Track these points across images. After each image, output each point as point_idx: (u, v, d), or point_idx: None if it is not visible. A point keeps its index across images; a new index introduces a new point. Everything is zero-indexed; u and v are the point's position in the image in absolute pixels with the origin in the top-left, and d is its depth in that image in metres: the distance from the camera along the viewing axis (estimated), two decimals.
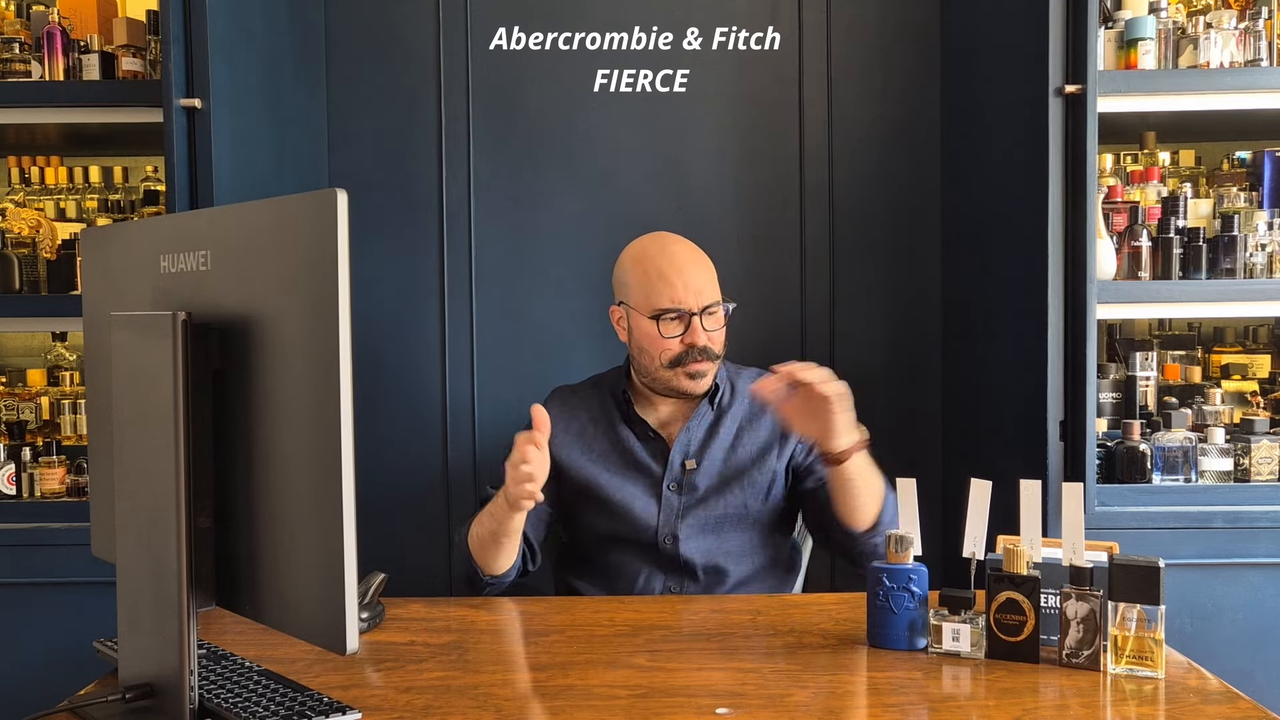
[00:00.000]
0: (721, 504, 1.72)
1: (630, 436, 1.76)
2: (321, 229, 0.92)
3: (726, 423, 1.76)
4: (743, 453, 1.74)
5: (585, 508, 1.76)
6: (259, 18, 2.22)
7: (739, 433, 1.75)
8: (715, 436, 1.75)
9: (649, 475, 1.74)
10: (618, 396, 1.78)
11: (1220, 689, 1.19)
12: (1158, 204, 2.09)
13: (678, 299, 1.68)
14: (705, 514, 1.72)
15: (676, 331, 1.68)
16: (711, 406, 1.76)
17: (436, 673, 1.26)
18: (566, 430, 1.76)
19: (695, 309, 1.68)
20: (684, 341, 1.68)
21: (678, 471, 1.73)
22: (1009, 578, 1.27)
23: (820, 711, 1.13)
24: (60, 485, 2.06)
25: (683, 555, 1.70)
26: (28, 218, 2.20)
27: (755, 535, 1.74)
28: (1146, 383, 2.07)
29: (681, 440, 1.74)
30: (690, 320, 1.68)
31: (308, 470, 0.95)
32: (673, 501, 1.72)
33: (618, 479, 1.74)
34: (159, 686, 1.06)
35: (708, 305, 1.69)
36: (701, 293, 1.69)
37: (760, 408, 1.75)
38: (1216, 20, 1.97)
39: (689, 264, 1.71)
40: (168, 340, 1.00)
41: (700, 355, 1.68)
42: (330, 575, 0.93)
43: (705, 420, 1.76)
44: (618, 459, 1.75)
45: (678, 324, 1.68)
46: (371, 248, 2.52)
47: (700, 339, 1.68)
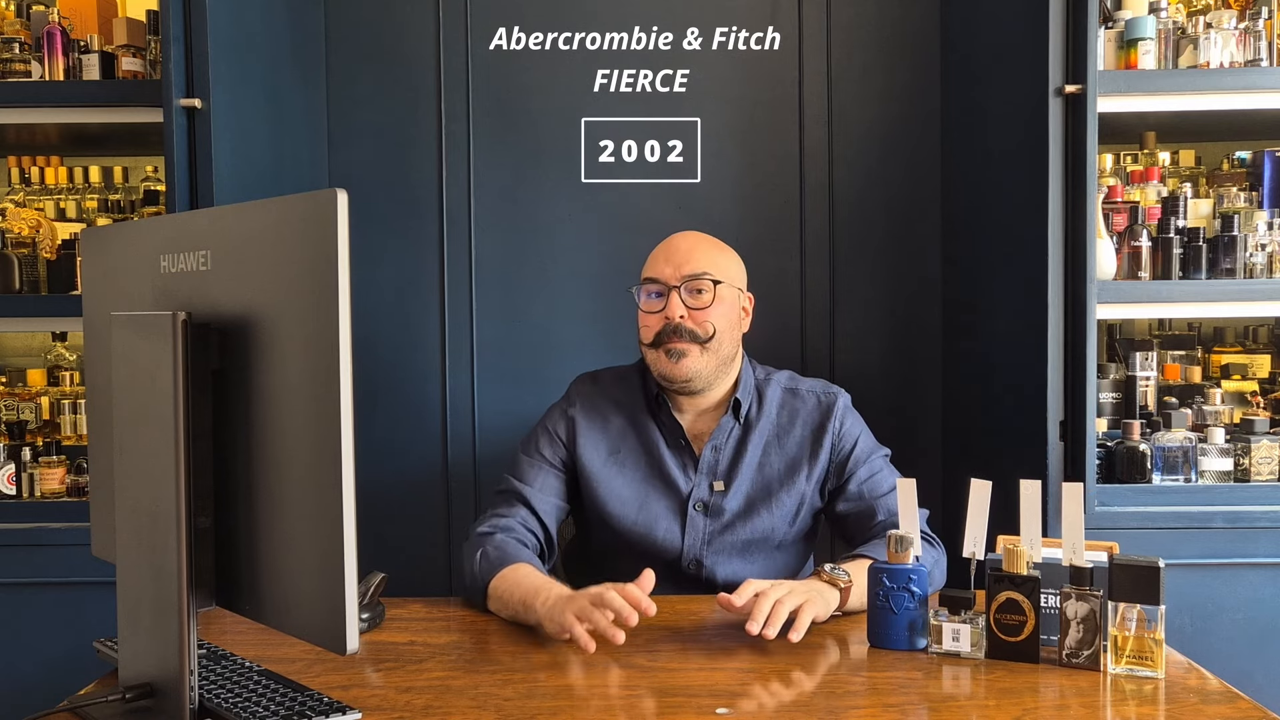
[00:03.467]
0: (748, 529, 1.64)
1: (659, 441, 1.67)
2: (321, 229, 0.92)
3: (754, 438, 1.66)
4: (770, 471, 1.66)
5: (604, 521, 1.67)
6: (259, 18, 2.22)
7: (766, 449, 1.66)
8: (744, 455, 1.65)
9: (675, 491, 1.65)
10: (649, 392, 1.68)
11: (1220, 689, 1.19)
12: (1158, 204, 2.09)
13: (658, 270, 1.62)
14: (732, 538, 1.64)
15: (656, 308, 1.61)
16: (737, 420, 1.67)
17: (436, 673, 1.26)
18: (590, 427, 1.68)
19: (674, 281, 1.60)
20: (664, 316, 1.60)
21: (705, 492, 1.65)
22: (1009, 578, 1.27)
23: (820, 711, 1.13)
24: (60, 485, 2.06)
25: (705, 578, 1.65)
26: (28, 218, 2.20)
27: (781, 556, 1.68)
28: (1146, 383, 2.07)
29: (708, 458, 1.65)
30: (669, 294, 1.60)
31: (308, 470, 0.95)
32: (698, 524, 1.64)
33: (641, 492, 1.65)
34: (159, 686, 1.06)
35: (688, 277, 1.59)
36: (682, 265, 1.60)
37: (788, 420, 1.67)
38: (1216, 20, 1.97)
39: (683, 242, 1.64)
40: (168, 340, 1.00)
41: (674, 333, 1.58)
42: (330, 575, 0.93)
43: (733, 437, 1.66)
44: (645, 467, 1.66)
45: (658, 299, 1.61)
46: (371, 247, 2.52)
47: (675, 311, 1.58)
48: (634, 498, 1.66)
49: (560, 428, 1.70)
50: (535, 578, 1.46)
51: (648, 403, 1.69)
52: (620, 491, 1.66)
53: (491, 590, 1.49)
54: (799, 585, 1.38)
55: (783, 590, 1.35)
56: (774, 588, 1.35)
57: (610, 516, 1.66)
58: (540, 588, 1.41)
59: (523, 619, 1.42)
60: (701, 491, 1.65)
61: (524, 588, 1.43)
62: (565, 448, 1.69)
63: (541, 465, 1.68)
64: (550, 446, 1.69)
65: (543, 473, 1.67)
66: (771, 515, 1.64)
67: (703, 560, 1.65)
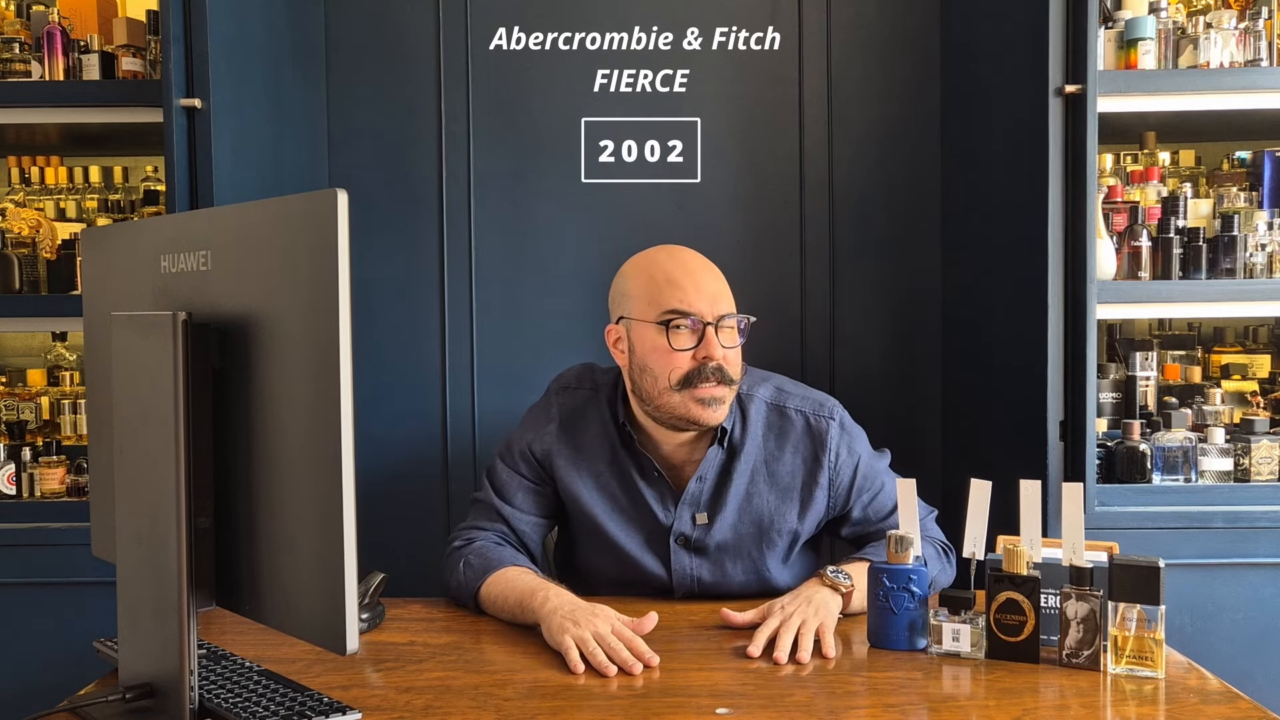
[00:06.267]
0: (739, 567, 1.55)
1: (632, 470, 1.56)
2: (321, 229, 0.92)
3: (740, 466, 1.54)
4: (759, 503, 1.54)
5: (590, 547, 1.60)
6: (259, 18, 2.22)
7: (753, 477, 1.55)
8: (728, 484, 1.54)
9: (654, 525, 1.55)
10: (617, 423, 1.56)
11: (1220, 689, 1.19)
12: (1158, 204, 2.09)
13: (690, 303, 1.46)
14: (720, 572, 1.56)
15: (688, 344, 1.45)
16: (721, 447, 1.54)
17: (436, 673, 1.26)
18: (569, 445, 1.59)
19: (710, 318, 1.45)
20: (696, 357, 1.45)
21: (688, 526, 1.55)
22: (1009, 578, 1.27)
23: (820, 711, 1.13)
24: (60, 485, 2.06)
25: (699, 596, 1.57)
26: (28, 218, 2.20)
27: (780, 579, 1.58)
28: (1146, 383, 2.07)
29: (692, 490, 1.54)
30: (704, 331, 1.45)
31: (308, 470, 0.95)
32: (684, 560, 1.56)
33: (620, 521, 1.56)
34: (159, 686, 1.06)
35: (724, 315, 1.47)
36: (717, 300, 1.47)
37: (776, 446, 1.55)
38: (1216, 20, 1.97)
39: (702, 269, 1.51)
40: (168, 340, 1.00)
41: (715, 375, 1.45)
42: (330, 575, 0.93)
43: (715, 465, 1.54)
44: (622, 498, 1.57)
45: (689, 335, 1.46)
46: (371, 248, 2.52)
47: (716, 352, 1.44)
48: (615, 525, 1.57)
49: (537, 446, 1.60)
50: (528, 578, 1.44)
51: (619, 432, 1.57)
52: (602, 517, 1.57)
53: (483, 596, 1.47)
54: (800, 604, 1.36)
55: (786, 613, 1.34)
56: (778, 611, 1.35)
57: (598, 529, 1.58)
58: (535, 588, 1.40)
59: (520, 620, 1.42)
60: (683, 525, 1.55)
61: (519, 589, 1.42)
62: (542, 466, 1.61)
63: (520, 481, 1.61)
64: (527, 464, 1.61)
65: (521, 491, 1.60)
66: (762, 555, 1.56)
67: (694, 590, 1.57)
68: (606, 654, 1.25)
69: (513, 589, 1.43)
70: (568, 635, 1.28)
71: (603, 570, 1.61)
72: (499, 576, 1.47)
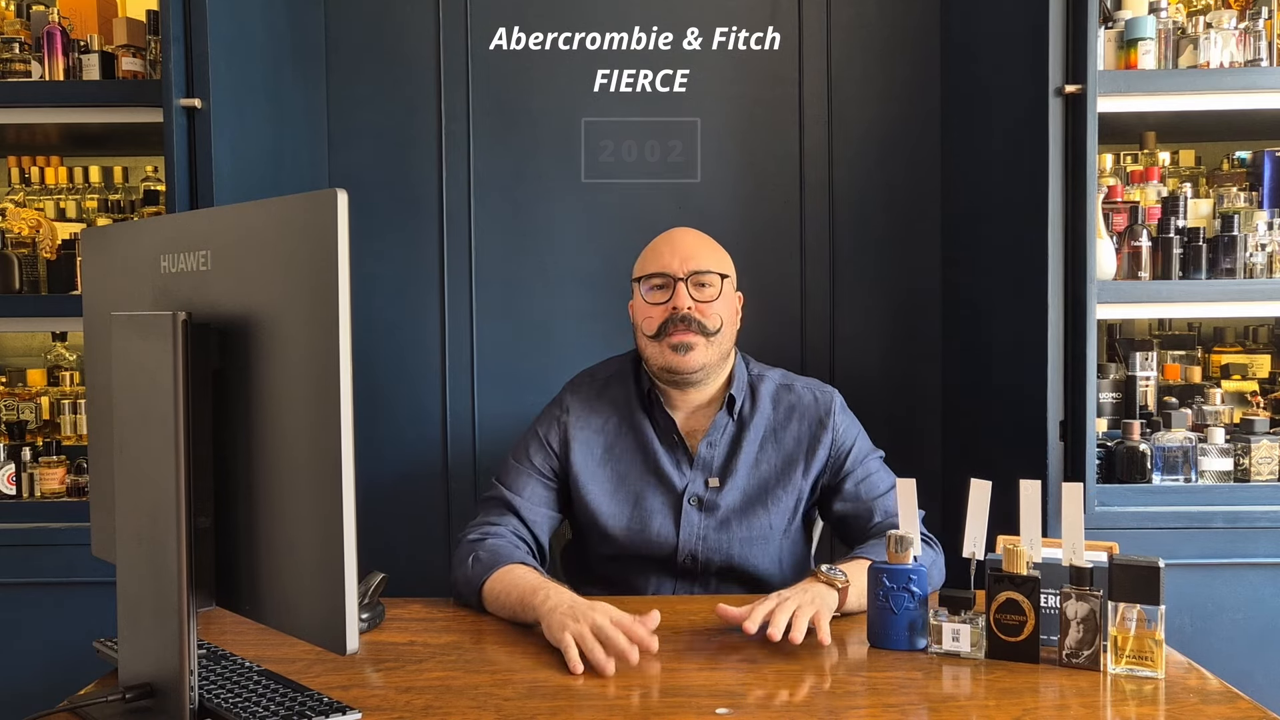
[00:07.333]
0: (745, 526, 1.64)
1: (653, 437, 1.67)
2: (321, 229, 0.92)
3: (749, 435, 1.66)
4: (766, 468, 1.66)
5: (597, 523, 1.66)
6: (259, 18, 2.22)
7: (762, 445, 1.67)
8: (739, 452, 1.66)
9: (669, 487, 1.65)
10: (642, 389, 1.69)
11: (1220, 689, 1.19)
12: (1158, 204, 2.09)
13: (664, 264, 1.62)
14: (728, 535, 1.64)
15: (661, 299, 1.62)
16: (731, 417, 1.67)
17: (436, 673, 1.26)
18: (583, 430, 1.68)
19: (680, 274, 1.61)
20: (667, 308, 1.61)
21: (700, 488, 1.65)
22: (1009, 578, 1.27)
23: (820, 711, 1.13)
24: (60, 485, 2.06)
25: (701, 572, 1.65)
26: (28, 218, 2.20)
27: (778, 551, 1.68)
28: (1146, 383, 2.07)
29: (704, 455, 1.66)
30: (675, 286, 1.61)
31: (308, 470, 0.95)
32: (694, 519, 1.64)
33: (635, 489, 1.66)
34: (159, 686, 1.06)
35: (694, 271, 1.61)
36: (689, 259, 1.62)
37: (784, 417, 1.68)
38: (1216, 20, 1.97)
39: (686, 237, 1.66)
40: (168, 340, 1.00)
41: (683, 324, 1.59)
42: (330, 575, 0.93)
43: (727, 434, 1.67)
44: (639, 464, 1.67)
45: (662, 291, 1.62)
46: (371, 248, 2.52)
47: (683, 303, 1.59)
48: (628, 495, 1.66)
49: (553, 435, 1.69)
50: (531, 577, 1.46)
51: (641, 399, 1.69)
52: (614, 490, 1.66)
53: (486, 591, 1.49)
54: (797, 593, 1.38)
55: (783, 597, 1.36)
56: (775, 595, 1.37)
57: (603, 518, 1.65)
58: (538, 587, 1.42)
59: (521, 618, 1.42)
60: (696, 487, 1.65)
61: (521, 587, 1.44)
62: (557, 456, 1.68)
63: (532, 474, 1.67)
64: (541, 454, 1.68)
65: (533, 482, 1.66)
66: (769, 514, 1.65)
67: (698, 555, 1.64)
68: (604, 646, 1.26)
69: (516, 586, 1.45)
70: (567, 632, 1.29)
71: (612, 545, 1.66)
72: (504, 573, 1.49)
